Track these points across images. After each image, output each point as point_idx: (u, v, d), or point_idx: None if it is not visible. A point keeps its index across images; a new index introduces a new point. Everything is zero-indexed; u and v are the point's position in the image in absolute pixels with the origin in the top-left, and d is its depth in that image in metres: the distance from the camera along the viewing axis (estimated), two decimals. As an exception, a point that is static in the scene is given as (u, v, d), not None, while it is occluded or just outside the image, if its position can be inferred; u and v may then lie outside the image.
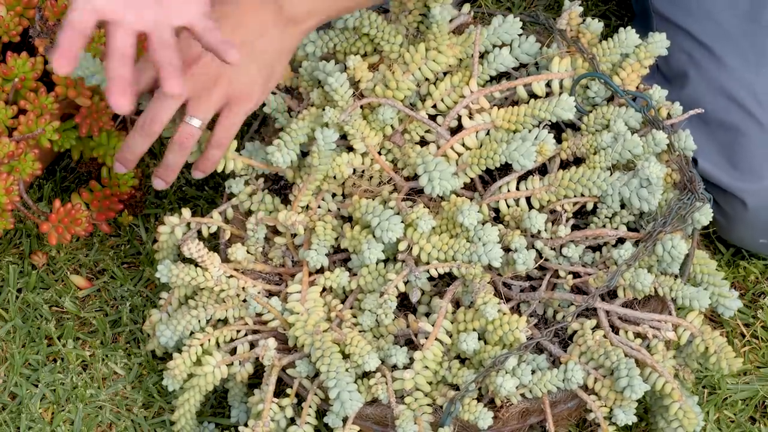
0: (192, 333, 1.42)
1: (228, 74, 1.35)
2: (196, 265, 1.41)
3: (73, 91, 1.50)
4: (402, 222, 1.37)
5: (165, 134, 1.43)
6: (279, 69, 1.39)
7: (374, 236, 1.37)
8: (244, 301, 1.42)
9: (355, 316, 1.40)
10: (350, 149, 1.45)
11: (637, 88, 1.45)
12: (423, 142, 1.47)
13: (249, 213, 1.50)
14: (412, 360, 1.36)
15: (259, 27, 1.35)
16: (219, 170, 1.44)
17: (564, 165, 1.45)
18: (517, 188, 1.41)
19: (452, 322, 1.37)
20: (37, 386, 1.57)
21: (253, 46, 1.35)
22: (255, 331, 1.43)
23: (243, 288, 1.42)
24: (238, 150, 1.49)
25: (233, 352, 1.43)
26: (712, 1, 1.58)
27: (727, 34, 1.56)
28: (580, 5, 1.50)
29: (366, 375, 1.38)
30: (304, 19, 1.36)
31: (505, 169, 1.44)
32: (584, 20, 1.49)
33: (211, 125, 1.40)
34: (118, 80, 1.23)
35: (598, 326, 1.37)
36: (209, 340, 1.41)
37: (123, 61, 1.23)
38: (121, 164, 1.38)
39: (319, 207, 1.45)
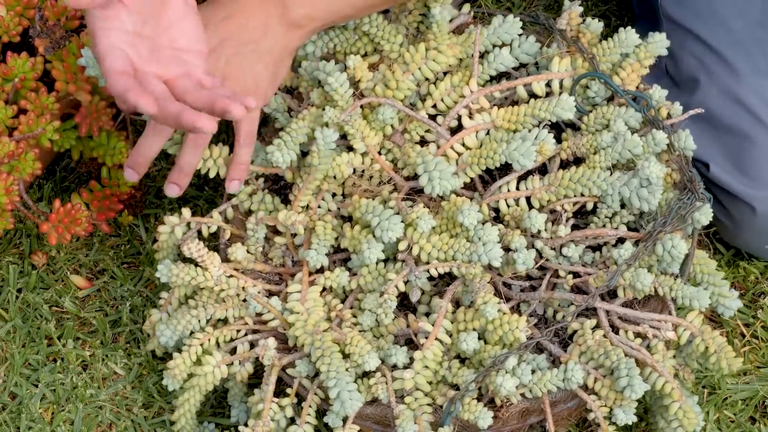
0: (192, 333, 1.42)
1: (235, 75, 1.35)
2: (196, 265, 1.41)
3: (73, 86, 1.50)
4: (402, 222, 1.37)
5: (169, 150, 1.43)
6: (283, 68, 1.39)
7: (374, 236, 1.37)
8: (244, 300, 1.42)
9: (355, 316, 1.40)
10: (350, 149, 1.45)
11: (637, 88, 1.45)
12: (423, 142, 1.47)
13: (249, 213, 1.50)
14: (412, 360, 1.36)
15: (264, 26, 1.35)
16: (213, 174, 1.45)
17: (564, 165, 1.45)
18: (517, 188, 1.41)
19: (452, 322, 1.37)
20: (37, 386, 1.57)
21: (258, 45, 1.35)
22: (255, 331, 1.43)
23: (243, 288, 1.42)
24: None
25: (233, 351, 1.43)
26: (723, 6, 1.57)
27: (739, 40, 1.56)
28: (580, 5, 1.50)
29: (366, 375, 1.38)
30: (305, 23, 1.37)
31: (505, 168, 1.44)
32: (584, 20, 1.49)
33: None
34: (188, 110, 1.15)
35: (598, 326, 1.37)
36: (209, 339, 1.41)
37: (170, 99, 1.18)
38: (133, 170, 1.35)
39: (319, 207, 1.45)
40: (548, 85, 1.45)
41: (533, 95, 1.45)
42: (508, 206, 1.42)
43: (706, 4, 1.58)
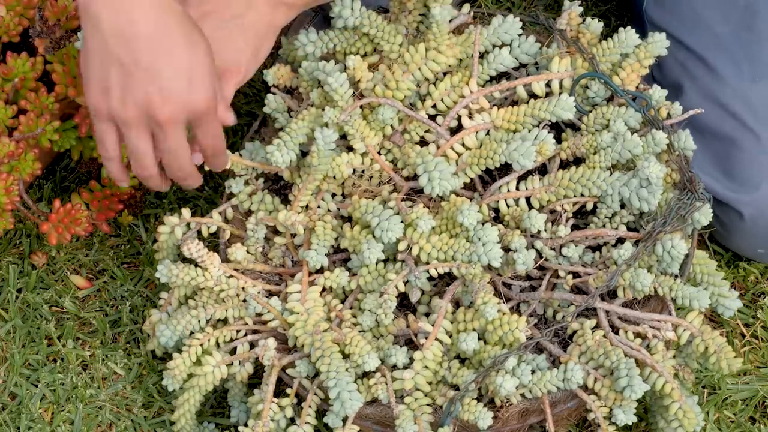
0: (192, 333, 1.42)
1: (215, 49, 1.32)
2: (196, 265, 1.41)
3: (73, 90, 1.50)
4: (402, 222, 1.37)
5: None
6: (267, 44, 1.37)
7: (374, 236, 1.37)
8: (244, 301, 1.43)
9: (355, 316, 1.40)
10: (350, 149, 1.45)
11: (637, 88, 1.45)
12: (423, 142, 1.47)
13: (249, 213, 1.50)
14: (412, 360, 1.36)
15: (248, 1, 1.34)
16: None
17: (564, 165, 1.45)
18: (517, 188, 1.41)
19: (452, 322, 1.37)
20: (37, 386, 1.57)
21: (242, 20, 1.34)
22: (255, 331, 1.43)
23: (243, 288, 1.42)
24: (238, 150, 1.49)
25: (233, 352, 1.43)
26: (706, 10, 1.57)
27: (721, 44, 1.56)
28: (580, 5, 1.50)
29: (366, 375, 1.38)
30: (291, 0, 1.35)
31: (505, 169, 1.44)
32: (584, 20, 1.49)
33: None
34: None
35: (597, 326, 1.37)
36: (209, 340, 1.41)
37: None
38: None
39: (318, 207, 1.45)
40: (548, 85, 1.45)
41: (533, 95, 1.45)
42: (508, 206, 1.42)
43: (689, 9, 1.58)
